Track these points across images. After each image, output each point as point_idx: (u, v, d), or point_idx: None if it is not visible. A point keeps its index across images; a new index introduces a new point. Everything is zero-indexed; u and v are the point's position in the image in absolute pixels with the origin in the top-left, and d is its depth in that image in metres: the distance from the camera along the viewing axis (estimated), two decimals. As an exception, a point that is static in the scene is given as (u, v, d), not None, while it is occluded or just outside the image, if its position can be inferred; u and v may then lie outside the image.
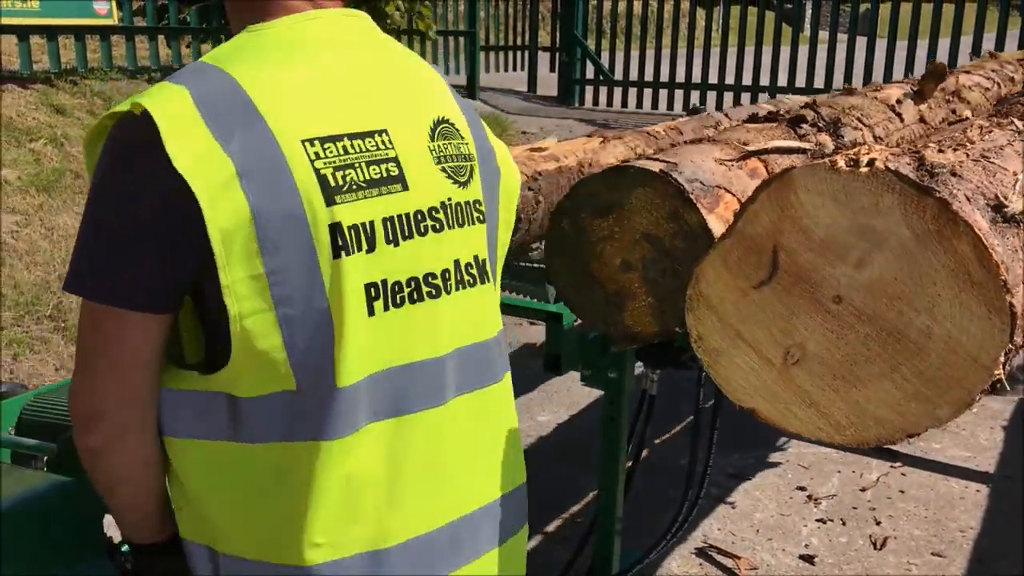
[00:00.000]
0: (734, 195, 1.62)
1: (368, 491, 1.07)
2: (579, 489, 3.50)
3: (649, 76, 9.93)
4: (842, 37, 9.15)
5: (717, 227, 1.51)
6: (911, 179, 1.03)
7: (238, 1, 1.15)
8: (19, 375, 4.41)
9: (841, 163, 1.07)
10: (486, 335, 1.21)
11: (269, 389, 1.03)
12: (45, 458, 1.57)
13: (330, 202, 1.02)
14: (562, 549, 3.01)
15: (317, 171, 1.02)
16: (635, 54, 10.18)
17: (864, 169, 1.05)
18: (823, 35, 9.21)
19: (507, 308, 2.35)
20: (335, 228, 1.02)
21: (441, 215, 1.13)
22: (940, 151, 1.20)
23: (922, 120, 2.88)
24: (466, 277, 1.17)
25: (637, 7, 9.89)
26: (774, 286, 1.13)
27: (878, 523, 3.34)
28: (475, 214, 1.18)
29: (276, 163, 1.00)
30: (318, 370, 1.03)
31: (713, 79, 9.49)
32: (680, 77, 9.60)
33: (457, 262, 1.15)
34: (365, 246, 1.05)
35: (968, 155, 1.24)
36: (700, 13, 9.65)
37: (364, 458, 1.06)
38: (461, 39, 10.27)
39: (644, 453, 2.77)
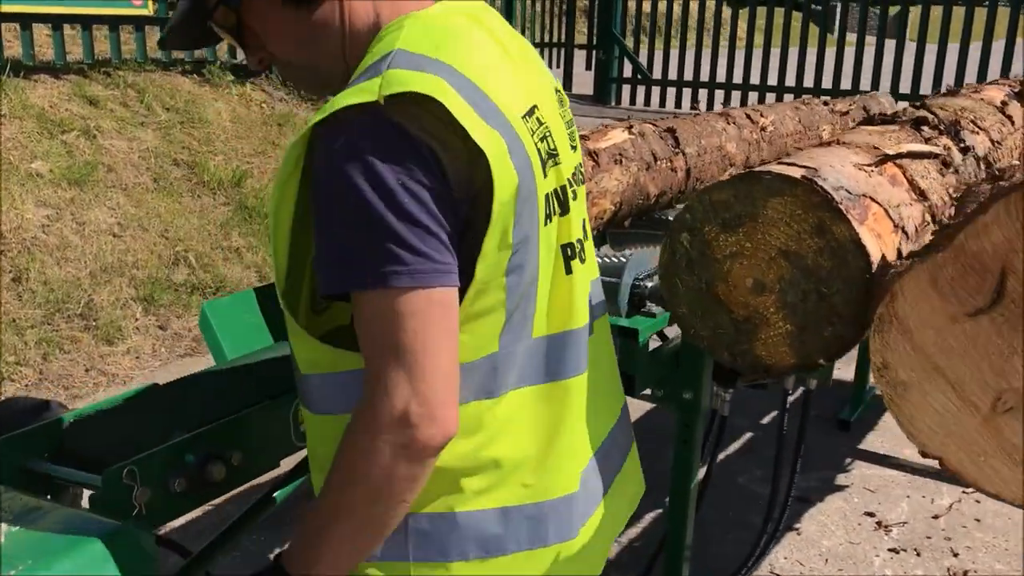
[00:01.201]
0: (880, 205, 1.41)
1: (558, 427, 1.19)
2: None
3: (687, 76, 9.70)
4: (871, 40, 8.87)
5: (870, 241, 1.31)
6: None
7: None
8: (49, 375, 4.25)
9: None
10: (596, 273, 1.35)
11: (477, 355, 1.08)
12: (84, 492, 1.39)
13: (544, 174, 1.12)
14: (618, 574, 2.83)
15: (536, 145, 1.12)
16: (674, 53, 9.94)
17: None
18: (851, 37, 8.94)
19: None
20: (547, 197, 1.13)
21: (575, 184, 1.23)
22: None
23: (1005, 112, 2.65)
24: (586, 239, 1.28)
25: (676, 8, 9.65)
26: (994, 316, 0.93)
27: (955, 555, 3.13)
28: (580, 177, 1.28)
29: (518, 139, 1.07)
30: (519, 328, 1.12)
31: (738, 79, 9.27)
32: (712, 76, 9.36)
33: (584, 223, 1.27)
34: (558, 210, 1.16)
35: None
36: (740, 14, 9.40)
37: (539, 400, 1.17)
38: (496, 35, 10.04)
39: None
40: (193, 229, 5.49)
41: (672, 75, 9.72)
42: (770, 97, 9.02)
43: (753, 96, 9.13)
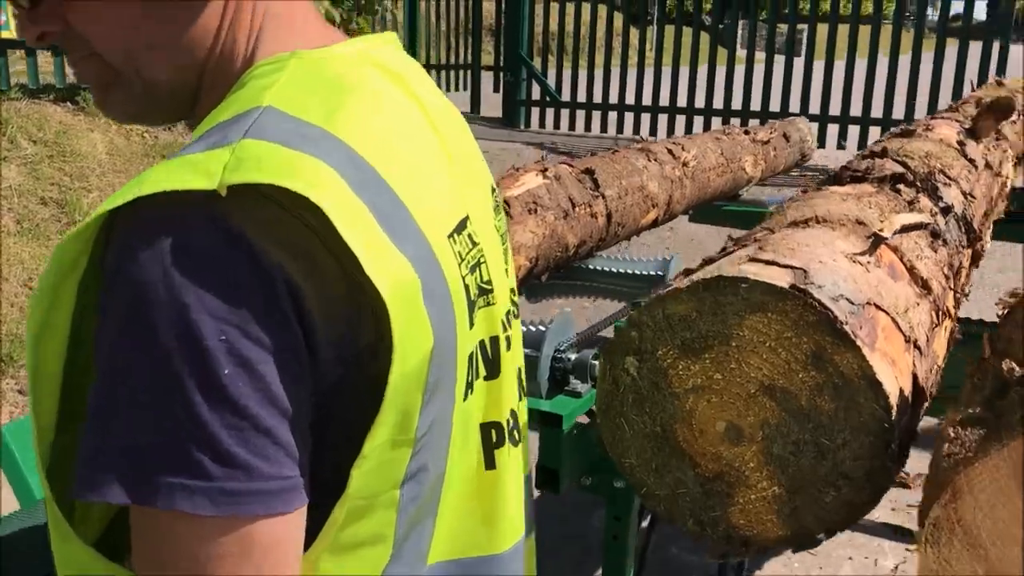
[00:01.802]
0: (887, 313, 1.05)
1: None
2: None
3: (595, 97, 9.45)
4: (779, 58, 8.73)
5: (885, 373, 0.95)
6: None
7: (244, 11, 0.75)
8: None
9: None
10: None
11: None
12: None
13: (471, 322, 0.78)
14: None
15: (464, 280, 0.77)
16: (583, 74, 9.68)
17: None
18: (759, 55, 8.81)
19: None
20: (470, 358, 0.78)
21: (509, 326, 0.90)
22: None
23: (988, 166, 2.38)
24: (520, 410, 0.93)
25: (583, 27, 9.41)
26: None
27: (907, 623, 2.92)
28: (515, 313, 0.96)
29: (439, 273, 0.72)
30: (412, 561, 0.75)
31: (647, 100, 9.05)
32: (621, 98, 9.14)
33: (518, 385, 0.93)
34: (484, 372, 0.82)
35: None
36: (647, 34, 9.22)
37: None
38: (399, 57, 9.65)
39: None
40: (60, 278, 4.92)
41: (582, 96, 9.46)
42: (679, 119, 8.83)
43: (663, 118, 8.93)
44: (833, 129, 8.11)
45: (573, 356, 2.14)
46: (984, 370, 0.87)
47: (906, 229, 1.32)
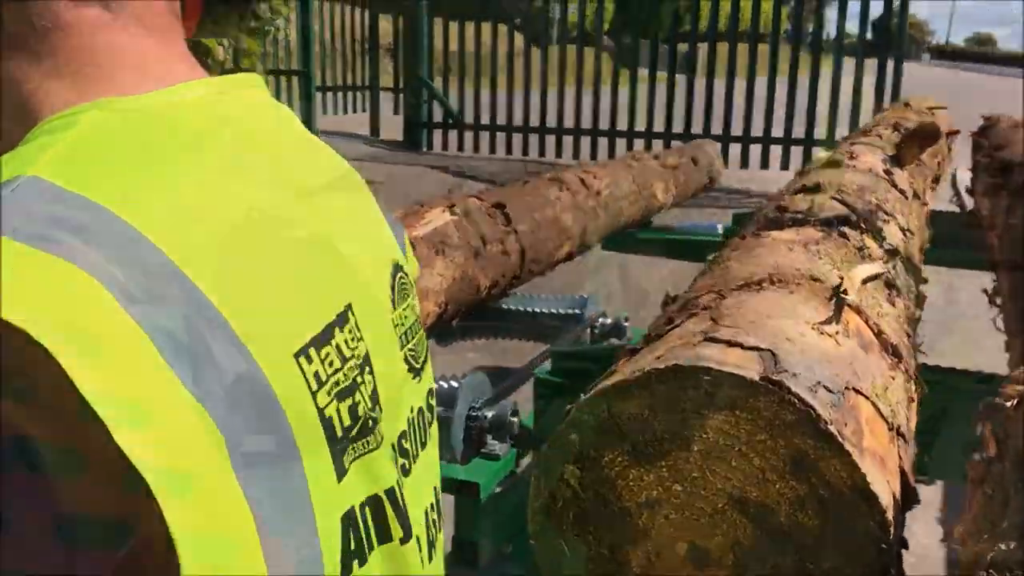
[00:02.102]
0: (868, 398, 0.89)
1: None
2: None
3: (498, 119, 9.31)
4: (680, 78, 8.74)
5: (876, 478, 0.78)
6: None
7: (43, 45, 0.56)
8: None
9: None
10: None
11: None
12: None
13: (341, 473, 0.56)
14: None
15: (322, 413, 0.54)
16: (484, 95, 9.52)
17: None
18: (646, 74, 8.82)
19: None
20: (348, 528, 0.56)
21: (408, 445, 0.69)
22: None
23: (916, 195, 2.29)
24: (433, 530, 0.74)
25: (483, 48, 9.26)
26: None
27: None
28: (429, 417, 0.78)
29: (270, 409, 0.49)
30: None
31: (551, 122, 8.95)
32: (525, 120, 9.03)
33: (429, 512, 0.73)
34: (376, 541, 0.59)
35: None
36: (548, 56, 9.13)
37: None
38: (294, 79, 9.34)
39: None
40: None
41: (485, 118, 9.31)
42: (584, 141, 8.76)
43: (568, 140, 8.85)
44: (736, 149, 8.14)
45: (490, 413, 1.97)
46: (1001, 483, 0.71)
47: (865, 282, 1.17)
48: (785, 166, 7.77)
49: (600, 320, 2.73)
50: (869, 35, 8.28)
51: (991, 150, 3.05)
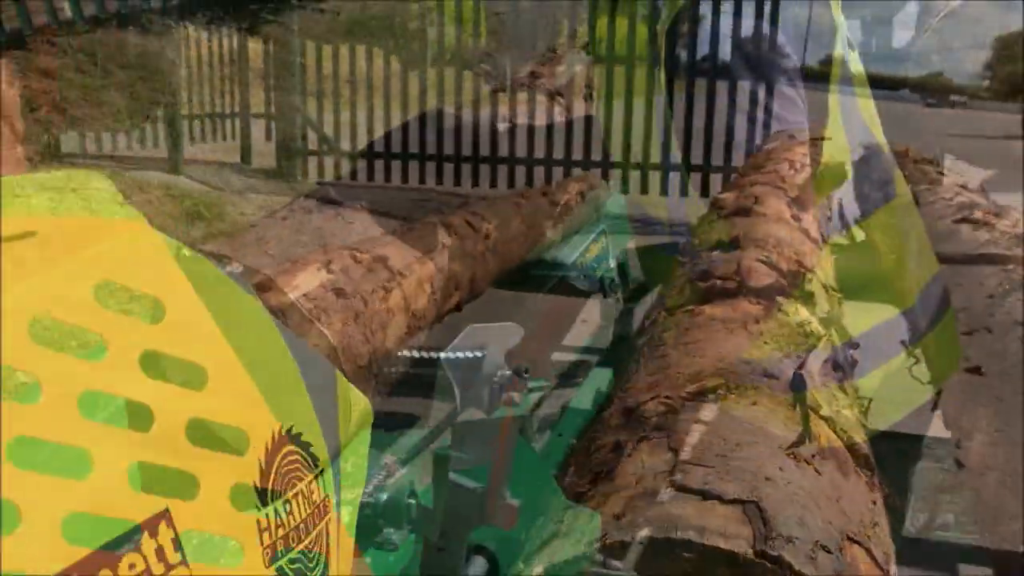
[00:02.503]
0: (861, 545, 0.73)
1: None
2: None
3: (376, 145, 9.05)
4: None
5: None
6: None
7: None
8: None
9: None
10: None
11: None
12: None
13: None
14: None
15: None
16: (361, 120, 9.25)
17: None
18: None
19: None
20: None
21: None
22: None
23: (824, 239, 2.21)
24: None
25: (358, 71, 9.02)
26: None
27: None
28: None
29: None
30: None
31: (431, 148, 8.78)
32: (404, 147, 8.81)
33: None
34: None
35: None
36: (426, 79, 8.95)
37: None
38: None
39: None
40: None
41: (362, 144, 9.03)
42: (465, 168, 8.60)
43: (448, 167, 8.68)
44: (616, 174, 8.13)
45: (384, 496, 1.75)
46: None
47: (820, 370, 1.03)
48: (684, 192, 7.78)
49: (499, 373, 2.55)
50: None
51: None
